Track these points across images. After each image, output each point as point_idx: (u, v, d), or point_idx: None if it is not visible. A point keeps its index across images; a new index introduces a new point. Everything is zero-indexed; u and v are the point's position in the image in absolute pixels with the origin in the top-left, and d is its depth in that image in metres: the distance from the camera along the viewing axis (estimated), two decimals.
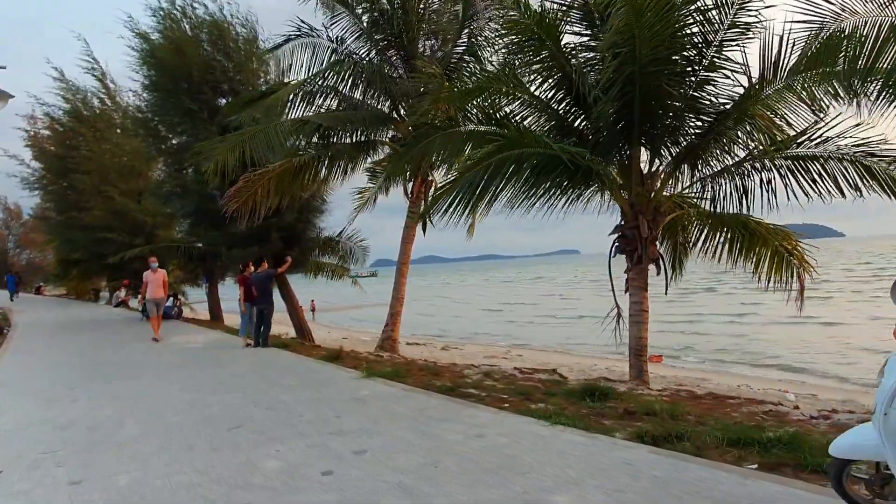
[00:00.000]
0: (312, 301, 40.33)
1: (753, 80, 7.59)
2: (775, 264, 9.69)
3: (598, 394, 6.29)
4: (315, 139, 12.77)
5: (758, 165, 8.38)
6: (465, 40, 12.72)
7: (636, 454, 4.29)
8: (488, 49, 12.14)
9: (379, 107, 13.52)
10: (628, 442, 4.59)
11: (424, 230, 14.76)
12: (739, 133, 7.97)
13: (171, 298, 18.52)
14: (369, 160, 14.40)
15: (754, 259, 9.73)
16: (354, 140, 13.27)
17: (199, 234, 19.73)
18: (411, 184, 14.11)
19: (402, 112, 13.67)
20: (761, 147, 8.00)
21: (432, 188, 14.55)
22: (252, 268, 11.55)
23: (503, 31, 9.11)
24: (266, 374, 8.13)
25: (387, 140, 13.88)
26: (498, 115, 8.64)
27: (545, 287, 71.78)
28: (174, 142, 20.23)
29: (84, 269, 33.15)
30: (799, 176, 8.18)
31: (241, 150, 12.01)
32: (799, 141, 7.90)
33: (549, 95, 9.01)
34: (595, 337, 25.99)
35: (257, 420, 5.65)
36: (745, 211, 8.97)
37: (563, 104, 8.88)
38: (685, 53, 7.76)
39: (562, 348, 24.30)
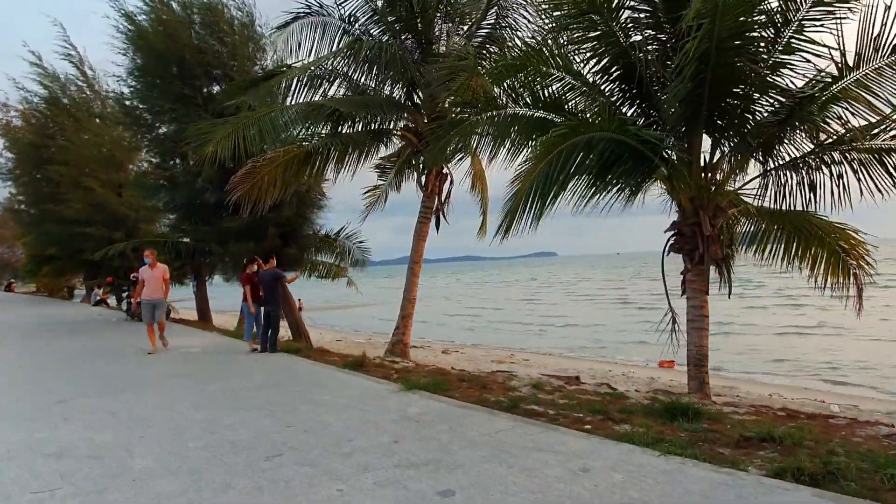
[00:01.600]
0: (300, 300, 39.09)
1: (840, 61, 6.82)
2: (831, 266, 9.00)
3: (685, 412, 5.47)
4: (327, 126, 11.74)
5: (830, 158, 7.63)
6: (492, 22, 11.81)
7: (799, 499, 3.45)
8: (519, 31, 11.22)
9: (392, 94, 12.55)
10: (777, 481, 3.73)
11: (438, 227, 13.92)
12: (828, 119, 7.18)
13: None
14: (382, 151, 13.42)
15: (809, 260, 9.04)
16: (368, 128, 12.27)
17: (188, 229, 18.51)
18: (424, 177, 13.16)
19: (416, 100, 12.74)
20: (844, 135, 7.22)
21: (447, 182, 13.68)
22: (257, 265, 10.51)
23: (548, 7, 8.23)
24: (289, 386, 7.13)
25: (399, 130, 12.91)
26: (546, 95, 7.75)
27: (522, 290, 71.00)
28: (162, 130, 19.00)
29: (58, 266, 31.50)
30: (875, 169, 7.46)
31: (243, 135, 10.95)
32: (881, 129, 7.16)
33: (600, 78, 8.16)
34: (577, 340, 25.74)
35: (299, 447, 4.67)
36: (809, 207, 8.22)
37: (617, 87, 8.03)
38: (763, 32, 6.95)
39: (561, 352, 23.54)
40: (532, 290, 68.17)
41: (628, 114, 8.26)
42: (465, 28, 12.44)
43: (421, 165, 13.03)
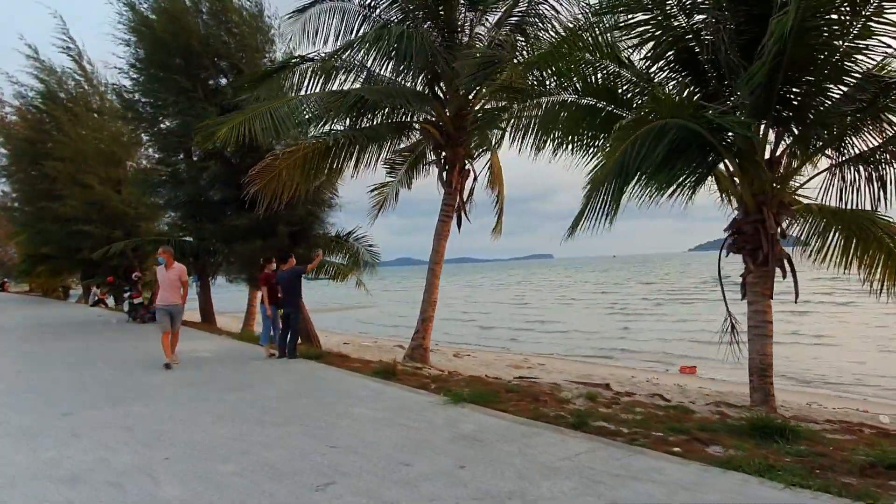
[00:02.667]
0: None
1: None
2: (889, 269, 8.41)
3: (779, 431, 4.85)
4: (347, 118, 11.07)
5: None
6: (523, 9, 11.18)
7: None
8: (552, 21, 10.57)
9: (414, 85, 11.91)
10: None
11: (459, 226, 13.28)
12: None
13: None
14: (402, 145, 12.77)
15: (867, 262, 8.45)
16: (390, 120, 11.63)
17: (191, 227, 17.82)
18: (446, 173, 12.51)
19: (438, 92, 12.10)
20: None
21: (469, 178, 13.05)
22: (274, 264, 9.84)
23: None
24: (318, 396, 6.47)
25: (420, 123, 12.27)
26: (596, 81, 7.12)
27: (518, 291, 70.30)
28: (165, 125, 18.31)
29: (54, 265, 30.74)
30: None
31: (257, 124, 10.29)
32: None
33: (651, 64, 7.54)
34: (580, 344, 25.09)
35: (350, 472, 4.02)
36: (875, 206, 7.62)
37: (672, 74, 7.42)
38: (840, 12, 6.35)
39: (570, 357, 22.89)
40: (531, 291, 67.54)
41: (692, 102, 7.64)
42: (493, 17, 11.80)
43: (443, 161, 12.38)
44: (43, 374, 8.44)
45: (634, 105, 7.18)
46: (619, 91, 7.21)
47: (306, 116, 10.59)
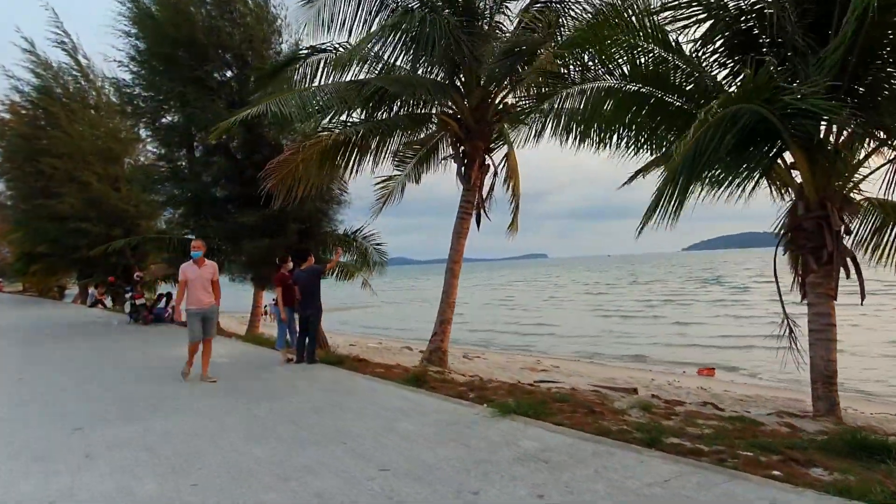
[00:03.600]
0: None
1: None
2: None
3: (880, 449, 4.35)
4: (365, 109, 10.53)
5: None
6: None
7: None
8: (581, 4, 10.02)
9: (434, 76, 11.38)
10: None
11: (479, 223, 12.77)
12: None
13: (165, 299, 16.00)
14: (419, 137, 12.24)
15: None
16: (410, 112, 11.08)
17: (195, 225, 17.19)
18: (464, 168, 11.98)
19: (457, 82, 11.56)
20: None
21: (489, 173, 12.53)
22: (291, 263, 9.28)
23: None
24: (353, 407, 5.92)
25: (439, 116, 11.72)
26: (645, 66, 6.60)
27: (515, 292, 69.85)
28: (167, 119, 17.70)
29: (50, 264, 30.04)
30: None
31: (269, 113, 9.75)
32: None
33: (700, 47, 7.03)
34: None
35: (415, 502, 3.50)
36: None
37: (726, 59, 6.90)
38: None
39: (579, 358, 22.40)
40: (530, 291, 67.15)
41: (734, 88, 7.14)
42: (516, 5, 11.26)
43: (462, 155, 11.85)
44: (46, 382, 7.87)
45: (687, 91, 6.65)
46: (670, 76, 6.68)
47: (317, 107, 10.01)
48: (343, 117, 10.60)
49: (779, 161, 6.87)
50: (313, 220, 15.45)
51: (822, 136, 6.37)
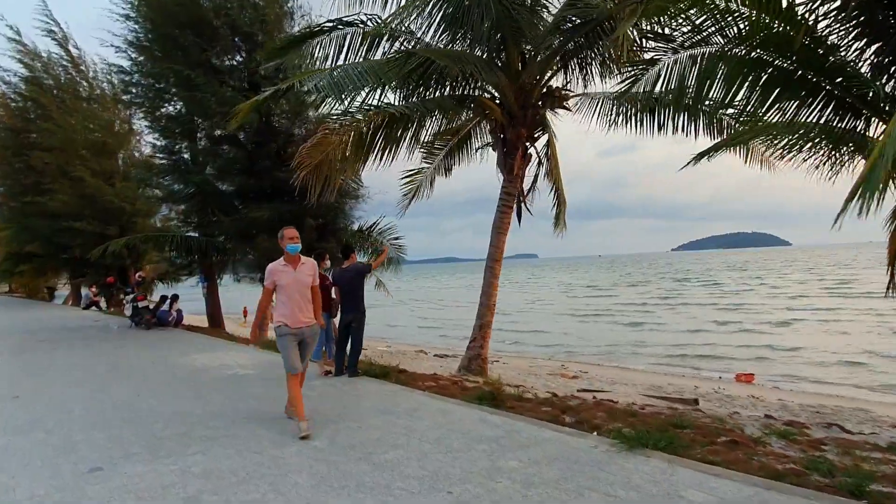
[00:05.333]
0: None
1: None
2: None
3: None
4: (404, 88, 9.40)
5: None
6: None
7: None
8: None
9: (481, 53, 10.30)
10: None
11: (520, 217, 11.71)
12: None
13: (168, 302, 14.79)
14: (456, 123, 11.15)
15: None
16: (453, 93, 9.98)
17: (202, 221, 16.03)
18: (504, 157, 10.90)
19: (499, 62, 10.48)
20: None
21: (531, 163, 11.49)
22: (328, 262, 8.15)
23: None
24: (437, 440, 4.80)
25: (481, 97, 10.63)
26: (770, 28, 5.54)
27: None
28: (169, 108, 16.53)
29: (40, 264, 28.63)
30: None
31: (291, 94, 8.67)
32: None
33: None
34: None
35: None
36: None
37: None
38: None
39: (601, 362, 21.34)
40: (526, 291, 66.21)
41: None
42: None
43: (503, 143, 10.77)
44: (47, 401, 6.69)
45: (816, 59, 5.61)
46: (794, 41, 5.61)
47: (352, 85, 8.88)
48: (376, 99, 9.46)
49: None
50: (330, 216, 14.37)
51: None
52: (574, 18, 9.18)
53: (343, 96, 8.17)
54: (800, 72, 5.80)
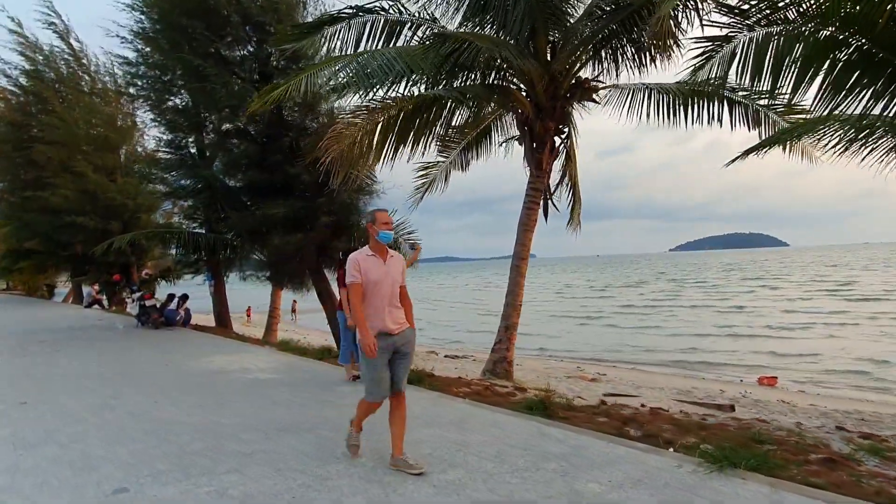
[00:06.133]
0: (294, 301, 35.77)
1: None
2: None
3: None
4: (434, 75, 8.90)
5: None
6: None
7: None
8: None
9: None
10: None
11: (546, 214, 11.26)
12: None
13: (177, 301, 14.30)
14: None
15: None
16: (485, 81, 9.50)
17: (211, 217, 15.55)
18: (534, 151, 10.43)
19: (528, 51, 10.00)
20: None
21: (559, 156, 11.02)
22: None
23: None
24: (491, 453, 4.34)
25: (510, 88, 10.15)
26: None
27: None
28: (177, 100, 16.04)
29: (39, 261, 28.09)
30: None
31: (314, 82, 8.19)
32: None
33: None
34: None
35: None
36: None
37: None
38: None
39: (615, 363, 20.88)
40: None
41: None
42: None
43: (530, 137, 10.31)
44: (58, 410, 6.20)
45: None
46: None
47: (380, 73, 8.41)
48: (403, 88, 8.98)
49: None
50: (344, 213, 13.86)
51: None
52: (607, 6, 8.72)
53: (373, 83, 7.69)
54: (881, 55, 5.32)
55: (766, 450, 4.33)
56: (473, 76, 9.31)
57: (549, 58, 10.07)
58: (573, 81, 10.49)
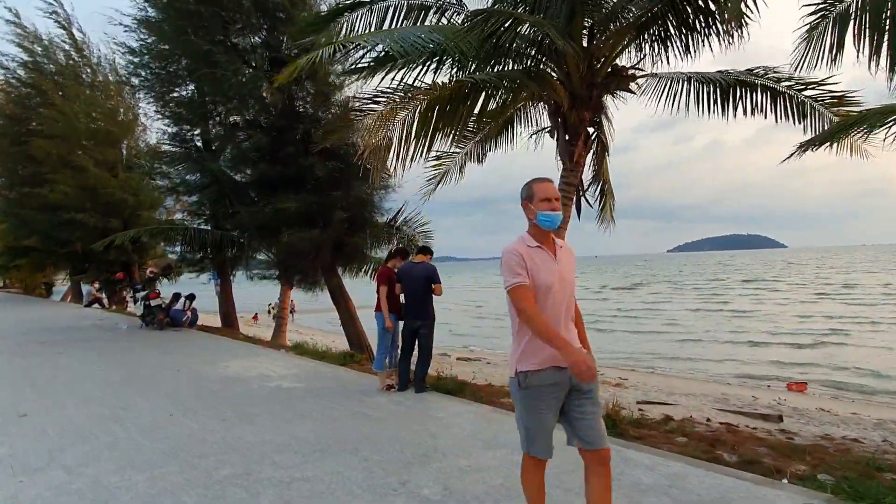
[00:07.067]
0: (293, 301, 35.09)
1: None
2: None
3: None
4: (475, 59, 8.24)
5: None
6: None
7: None
8: None
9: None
10: None
11: (579, 211, 10.59)
12: None
13: (185, 301, 13.64)
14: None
15: None
16: (525, 66, 8.84)
17: (219, 213, 14.90)
18: (567, 143, 9.77)
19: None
20: None
21: (594, 149, 10.35)
22: (399, 259, 6.98)
23: None
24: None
25: (547, 74, 9.49)
26: None
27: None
28: (180, 93, 15.41)
29: (38, 259, 27.40)
30: None
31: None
32: None
33: None
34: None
35: None
36: None
37: None
38: None
39: (633, 366, 20.24)
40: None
41: None
42: None
43: (564, 128, 9.64)
44: (62, 423, 5.54)
45: None
46: None
47: (422, 48, 7.76)
48: (436, 72, 8.34)
49: None
50: (359, 208, 13.22)
51: None
52: None
53: (418, 58, 7.08)
54: None
55: (871, 475, 3.71)
56: (510, 63, 8.67)
57: (584, 43, 9.44)
58: (609, 69, 9.87)
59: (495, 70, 8.64)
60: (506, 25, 7.25)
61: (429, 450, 4.45)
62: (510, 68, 8.84)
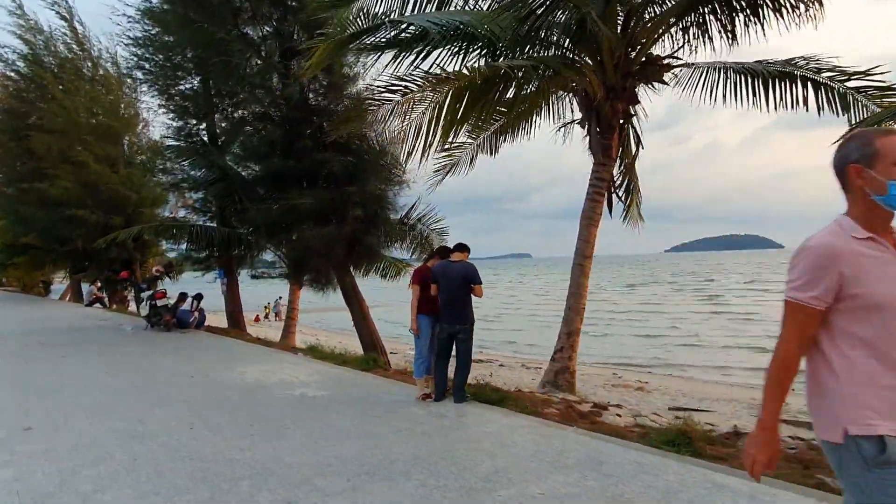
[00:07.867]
0: (280, 302, 34.43)
1: None
2: None
3: None
4: (509, 44, 7.74)
5: None
6: None
7: None
8: None
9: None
10: None
11: (611, 208, 10.13)
12: None
13: (192, 301, 13.12)
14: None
15: None
16: (560, 51, 8.38)
17: (228, 209, 14.41)
18: (600, 136, 9.29)
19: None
20: None
21: (626, 142, 9.90)
22: (437, 259, 6.43)
23: None
24: None
25: (579, 63, 9.00)
26: None
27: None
28: (189, 84, 14.92)
29: (37, 257, 26.84)
30: None
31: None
32: None
33: None
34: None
35: None
36: None
37: None
38: None
39: (650, 369, 19.76)
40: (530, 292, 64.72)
41: None
42: None
43: (597, 121, 9.16)
44: (73, 438, 5.02)
45: None
46: None
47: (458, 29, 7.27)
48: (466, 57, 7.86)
49: None
50: (374, 204, 12.69)
51: None
52: None
53: (449, 41, 6.58)
54: None
55: None
56: (541, 50, 8.19)
57: (618, 31, 8.96)
58: (643, 59, 9.39)
59: (537, 54, 8.14)
60: (547, 4, 6.74)
61: (490, 472, 3.95)
62: (541, 55, 8.33)
